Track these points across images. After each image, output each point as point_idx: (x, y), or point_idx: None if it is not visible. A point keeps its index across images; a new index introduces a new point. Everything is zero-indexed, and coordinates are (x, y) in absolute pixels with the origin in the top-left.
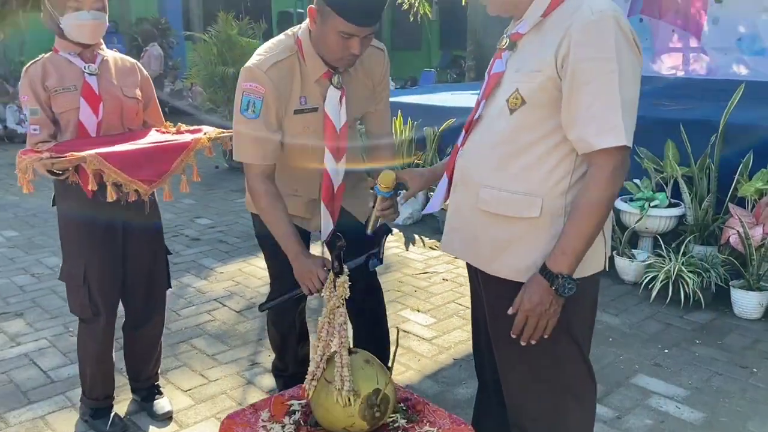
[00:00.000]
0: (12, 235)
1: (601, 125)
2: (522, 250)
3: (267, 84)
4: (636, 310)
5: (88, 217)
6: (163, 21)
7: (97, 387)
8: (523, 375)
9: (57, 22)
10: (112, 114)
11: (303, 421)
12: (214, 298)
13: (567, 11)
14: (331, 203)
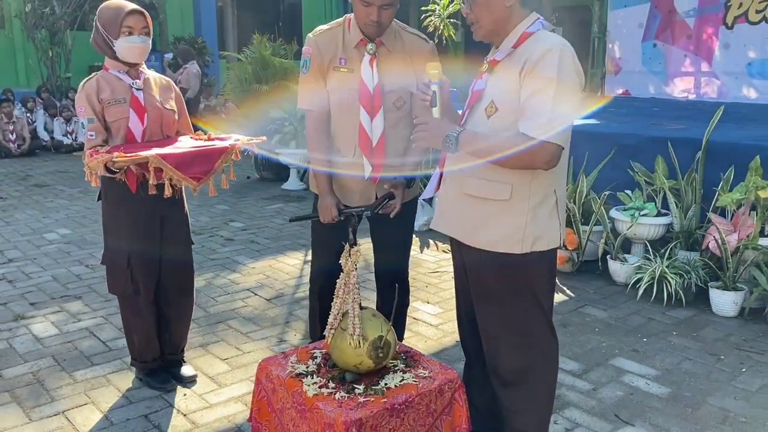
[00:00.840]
0: (66, 233)
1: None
2: (495, 226)
3: (313, 46)
4: (623, 306)
5: (132, 209)
6: (199, 40)
7: (146, 352)
8: (498, 330)
9: (110, 45)
10: (155, 123)
11: (323, 363)
12: (246, 288)
13: (530, 44)
14: (369, 152)
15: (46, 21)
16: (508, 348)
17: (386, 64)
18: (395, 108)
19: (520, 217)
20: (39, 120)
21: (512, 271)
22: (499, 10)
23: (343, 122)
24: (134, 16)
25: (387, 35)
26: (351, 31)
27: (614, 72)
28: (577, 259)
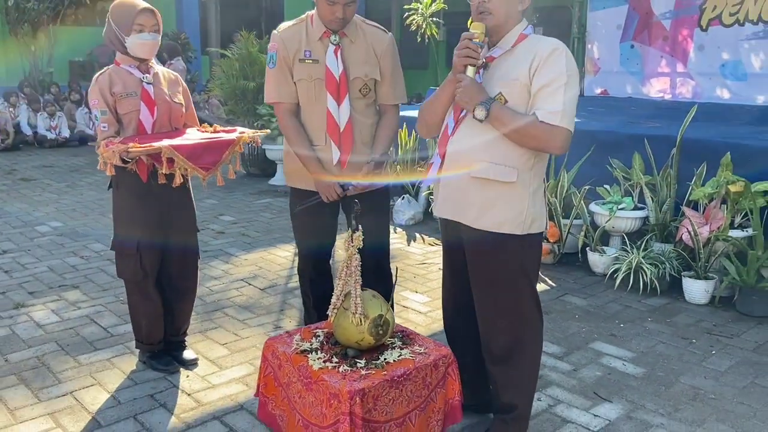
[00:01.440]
0: (57, 225)
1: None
2: (501, 208)
3: (278, 41)
4: (602, 295)
5: (143, 197)
6: (182, 36)
7: (152, 334)
8: (495, 310)
9: (122, 41)
10: (164, 115)
11: (325, 342)
12: (240, 279)
13: (531, 43)
14: (338, 138)
15: (29, 16)
16: (503, 326)
17: (350, 52)
18: (361, 95)
19: (523, 201)
20: (22, 115)
21: (512, 252)
22: (512, 9)
23: (311, 111)
24: (145, 15)
25: (349, 27)
26: (314, 25)
27: (593, 72)
28: (558, 251)
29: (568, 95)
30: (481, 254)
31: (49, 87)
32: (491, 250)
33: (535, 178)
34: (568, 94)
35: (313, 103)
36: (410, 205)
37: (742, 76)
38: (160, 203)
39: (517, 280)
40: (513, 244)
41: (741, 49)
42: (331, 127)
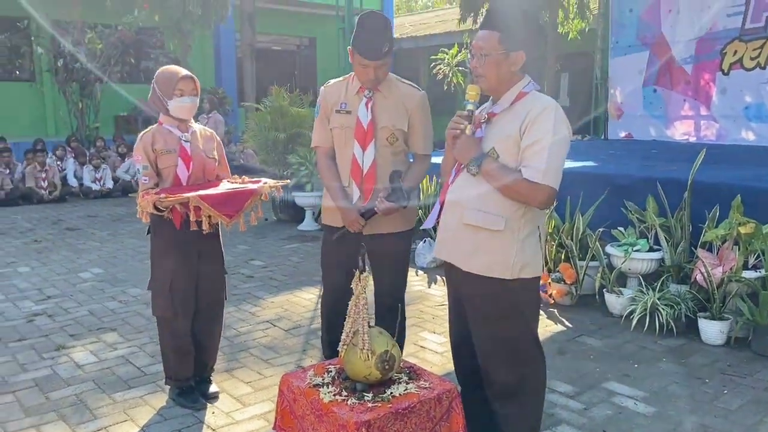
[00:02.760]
0: (99, 272)
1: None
2: (488, 253)
3: (322, 95)
4: (618, 336)
5: (176, 242)
6: (220, 91)
7: (180, 371)
8: (493, 349)
9: (165, 104)
10: (198, 169)
11: (336, 376)
12: (266, 320)
13: (527, 102)
14: (359, 180)
15: (77, 75)
16: (502, 365)
17: (381, 105)
18: (388, 143)
19: (511, 247)
20: (69, 168)
21: (503, 295)
22: (505, 72)
23: (341, 155)
24: (185, 81)
25: (383, 84)
26: (353, 82)
27: (617, 116)
28: (575, 292)
29: (552, 153)
30: (472, 295)
31: (95, 141)
32: (481, 292)
33: (525, 226)
34: (553, 152)
35: (343, 149)
36: (431, 248)
37: (766, 117)
38: (191, 249)
39: (513, 321)
40: (503, 288)
41: (763, 92)
42: (355, 170)
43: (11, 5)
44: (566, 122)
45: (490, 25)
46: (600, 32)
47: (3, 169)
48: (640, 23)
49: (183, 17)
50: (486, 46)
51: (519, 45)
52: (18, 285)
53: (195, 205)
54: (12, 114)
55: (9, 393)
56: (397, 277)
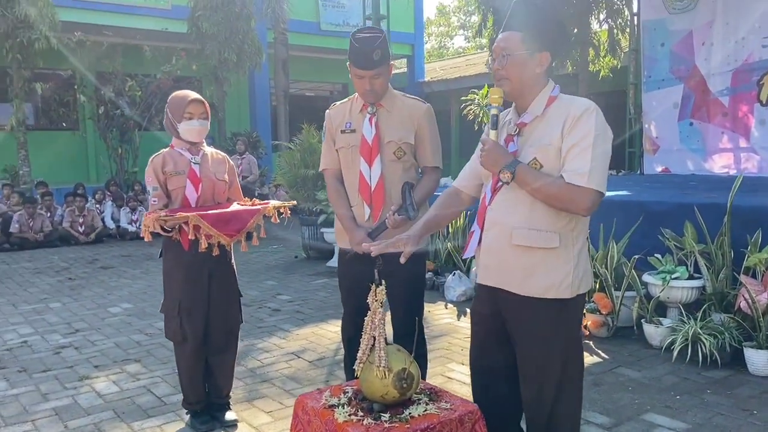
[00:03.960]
0: (128, 307)
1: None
2: (546, 273)
3: (327, 118)
4: (658, 367)
5: (184, 265)
6: (254, 134)
7: (190, 394)
8: (544, 374)
9: (175, 127)
10: (207, 191)
11: (353, 398)
12: (290, 352)
13: (561, 106)
14: (368, 197)
15: (117, 122)
16: (552, 390)
17: (385, 120)
18: (396, 158)
19: (569, 264)
20: (107, 211)
21: (562, 314)
22: (529, 73)
23: (348, 175)
24: (194, 104)
25: (386, 99)
26: (357, 101)
27: (652, 151)
28: (611, 323)
29: (596, 154)
30: (528, 320)
31: (133, 185)
32: (540, 315)
33: (578, 239)
34: (597, 153)
35: (350, 167)
36: (461, 281)
37: None
38: (201, 271)
39: (568, 340)
40: (563, 306)
41: None
42: (363, 187)
43: (58, 59)
44: (607, 124)
45: (511, 26)
46: (632, 67)
47: (44, 212)
48: (673, 56)
49: (219, 65)
50: (508, 46)
51: (543, 46)
52: (48, 319)
53: (194, 224)
54: (56, 161)
55: (28, 422)
56: (412, 298)
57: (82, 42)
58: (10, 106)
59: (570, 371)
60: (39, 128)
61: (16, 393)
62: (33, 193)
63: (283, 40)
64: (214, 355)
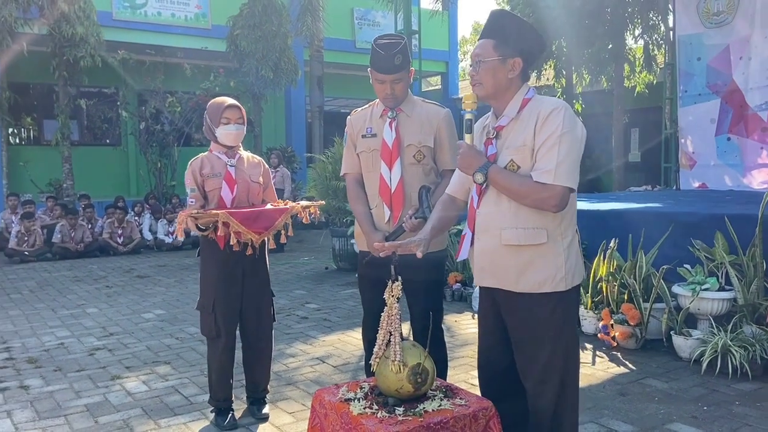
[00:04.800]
0: (160, 313)
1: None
2: (538, 269)
3: (348, 124)
4: (686, 379)
5: (219, 263)
6: (289, 149)
7: (218, 391)
8: (543, 369)
9: (213, 132)
10: (242, 193)
11: (370, 392)
12: (316, 357)
13: (534, 106)
14: (388, 199)
15: (157, 138)
16: (552, 383)
17: (405, 123)
18: (416, 161)
19: (559, 257)
20: (145, 223)
21: (558, 308)
22: (501, 78)
23: (369, 178)
24: (231, 109)
25: (406, 104)
26: (377, 107)
27: (689, 166)
28: (640, 335)
29: (563, 150)
30: (526, 317)
31: (171, 198)
32: (536, 310)
33: (567, 232)
34: (564, 149)
35: (371, 171)
36: None
37: None
38: (235, 269)
39: (566, 333)
40: (558, 299)
41: None
42: (383, 190)
43: (102, 77)
44: (578, 121)
45: (485, 34)
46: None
47: (85, 223)
48: (709, 71)
49: (256, 82)
50: (482, 53)
51: (515, 52)
52: (84, 324)
53: (224, 221)
54: (99, 175)
55: (61, 416)
56: (430, 298)
57: (125, 60)
58: (56, 122)
59: (571, 365)
60: (83, 143)
61: (51, 390)
62: (76, 205)
63: (318, 58)
64: (250, 351)
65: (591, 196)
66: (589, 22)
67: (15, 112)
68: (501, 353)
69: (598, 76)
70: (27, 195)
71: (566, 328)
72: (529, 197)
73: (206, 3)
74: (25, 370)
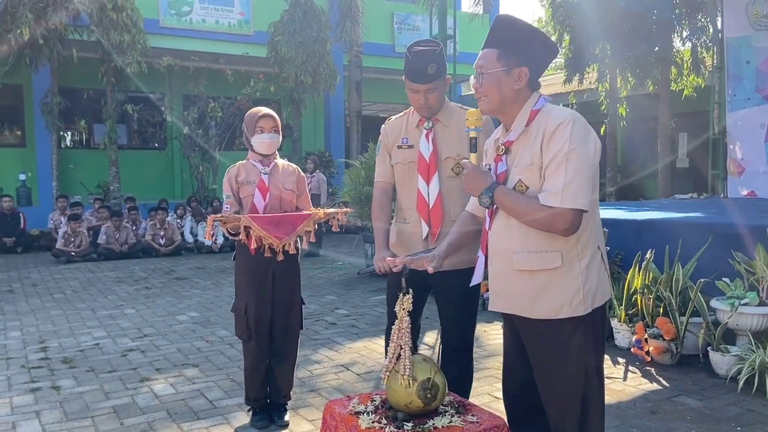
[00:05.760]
0: (194, 315)
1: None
2: (553, 294)
3: (383, 132)
4: (722, 398)
5: (251, 267)
6: (326, 154)
7: (250, 391)
8: (565, 394)
9: (249, 141)
10: (275, 199)
11: (380, 406)
12: (340, 364)
13: (541, 119)
14: (426, 215)
15: (200, 141)
16: (574, 411)
17: (442, 135)
18: (454, 174)
19: (576, 280)
20: (186, 225)
21: (577, 333)
22: (507, 90)
23: (405, 191)
24: (265, 119)
25: (443, 113)
26: (413, 115)
27: (737, 173)
28: (675, 350)
29: (571, 169)
30: (540, 343)
31: (212, 201)
32: (553, 336)
33: (585, 252)
34: (572, 168)
35: (407, 184)
36: None
37: None
38: (266, 274)
39: (586, 357)
40: (578, 324)
41: None
42: (421, 205)
43: (149, 82)
44: (589, 133)
45: (488, 43)
46: (716, 86)
47: (129, 225)
48: (759, 75)
49: (296, 87)
50: (484, 63)
51: (520, 61)
52: (121, 324)
53: (245, 225)
54: (144, 177)
55: (88, 418)
56: (462, 317)
57: (170, 67)
58: (104, 126)
59: (593, 391)
60: (131, 147)
61: (81, 391)
62: (122, 207)
63: (357, 63)
64: (275, 356)
65: (630, 205)
66: (634, 24)
67: (66, 117)
68: (525, 372)
69: (643, 79)
70: (76, 197)
71: (587, 353)
72: (537, 221)
73: (249, 10)
74: (59, 370)
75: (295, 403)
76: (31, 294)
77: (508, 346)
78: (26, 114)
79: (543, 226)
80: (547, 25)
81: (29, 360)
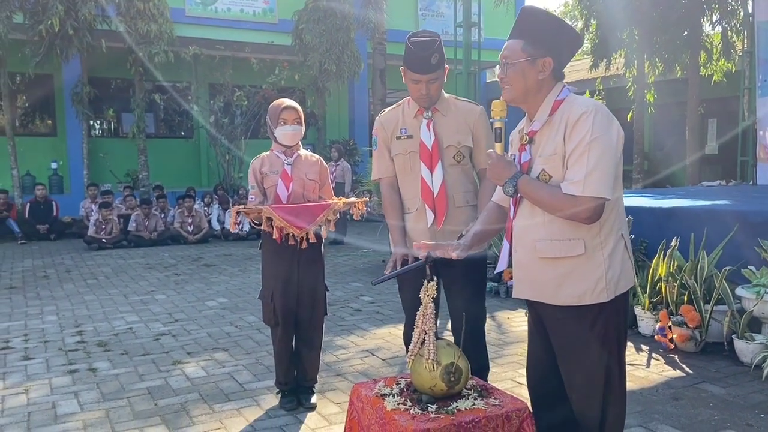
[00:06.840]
0: (223, 301)
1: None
2: (577, 281)
3: (378, 125)
4: (746, 385)
5: (277, 255)
6: (351, 142)
7: (279, 374)
8: (587, 381)
9: (273, 132)
10: (298, 189)
11: (405, 389)
12: (366, 350)
13: (564, 109)
14: (431, 203)
15: (225, 131)
16: (596, 397)
17: (442, 124)
18: (456, 162)
19: (599, 268)
20: (214, 213)
21: (600, 319)
22: (531, 79)
23: (406, 181)
24: (287, 111)
25: (440, 103)
26: (410, 106)
27: (767, 159)
28: (699, 338)
29: (593, 158)
30: (566, 329)
31: (238, 189)
32: (577, 323)
33: (608, 239)
34: (594, 157)
35: (409, 173)
36: None
37: None
38: (291, 263)
39: (609, 343)
40: (600, 311)
41: None
42: (425, 193)
43: (176, 71)
44: (612, 123)
45: (514, 34)
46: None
47: (158, 213)
48: None
49: (320, 75)
50: (509, 54)
51: (545, 52)
52: (153, 309)
53: (266, 215)
54: (172, 166)
55: (124, 398)
56: (472, 303)
57: (196, 56)
58: (132, 115)
59: (615, 377)
60: (158, 136)
61: (117, 373)
62: (150, 195)
63: (381, 50)
64: (301, 341)
65: (655, 192)
66: (662, 9)
67: (95, 106)
68: (548, 358)
69: (672, 64)
70: (106, 185)
71: (610, 339)
72: (560, 210)
73: None
74: (95, 353)
75: (322, 386)
76: (66, 279)
77: (531, 333)
78: (57, 104)
79: (565, 214)
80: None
81: (66, 343)
